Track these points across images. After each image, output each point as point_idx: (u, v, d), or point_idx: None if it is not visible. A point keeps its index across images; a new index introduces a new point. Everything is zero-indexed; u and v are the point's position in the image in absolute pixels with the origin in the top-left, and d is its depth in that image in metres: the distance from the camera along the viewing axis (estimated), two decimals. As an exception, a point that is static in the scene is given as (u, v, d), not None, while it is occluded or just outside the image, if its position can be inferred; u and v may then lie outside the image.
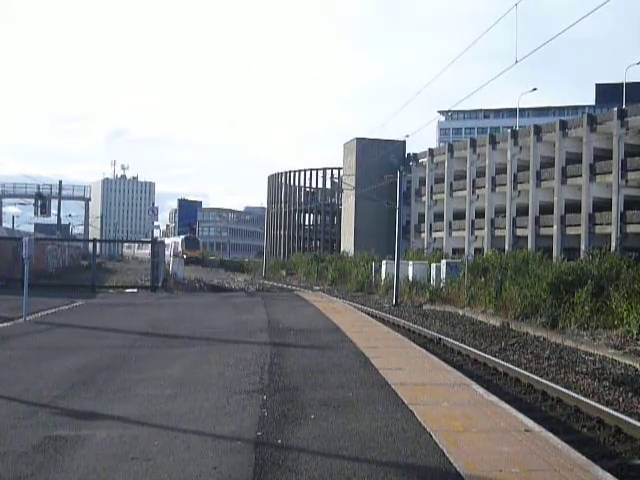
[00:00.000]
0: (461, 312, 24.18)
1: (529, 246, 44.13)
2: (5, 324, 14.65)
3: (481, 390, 7.89)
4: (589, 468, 5.05)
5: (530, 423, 6.34)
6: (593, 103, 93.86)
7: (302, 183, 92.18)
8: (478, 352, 14.40)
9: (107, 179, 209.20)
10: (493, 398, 7.46)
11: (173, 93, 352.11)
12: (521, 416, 6.62)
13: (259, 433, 5.97)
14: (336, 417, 6.54)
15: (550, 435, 5.94)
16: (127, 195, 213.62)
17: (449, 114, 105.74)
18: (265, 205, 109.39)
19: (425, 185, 60.82)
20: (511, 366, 12.73)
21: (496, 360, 13.43)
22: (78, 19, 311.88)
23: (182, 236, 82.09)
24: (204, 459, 5.25)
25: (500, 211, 51.98)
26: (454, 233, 56.42)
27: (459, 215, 56.22)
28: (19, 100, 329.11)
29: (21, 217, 79.99)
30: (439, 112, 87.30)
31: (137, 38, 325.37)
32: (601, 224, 43.24)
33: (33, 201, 65.67)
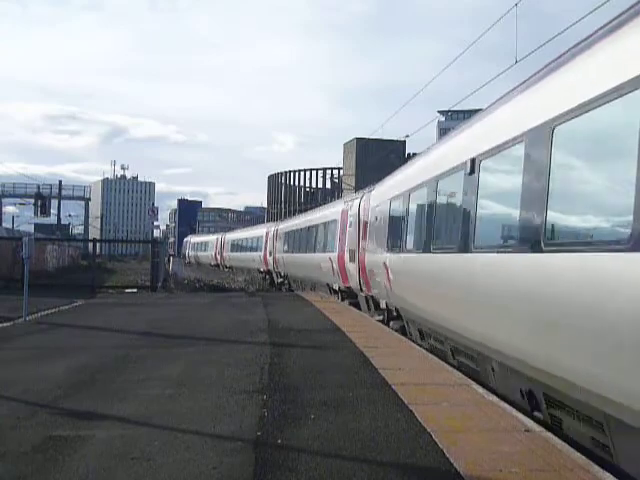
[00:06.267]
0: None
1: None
2: (5, 324, 14.65)
3: (481, 390, 7.88)
4: (589, 468, 5.04)
5: (530, 423, 6.33)
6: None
7: (302, 183, 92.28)
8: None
9: (107, 179, 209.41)
10: (493, 398, 7.45)
11: (172, 93, 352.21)
12: (521, 416, 6.61)
13: (259, 433, 5.97)
14: (336, 417, 6.54)
15: (550, 435, 5.93)
16: (127, 195, 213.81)
17: (449, 114, 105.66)
18: (265, 205, 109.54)
19: (425, 185, 60.47)
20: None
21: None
22: (77, 18, 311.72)
23: None
24: (204, 459, 5.25)
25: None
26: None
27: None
28: (17, 99, 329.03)
29: (21, 217, 79.86)
30: (439, 112, 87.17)
31: (136, 38, 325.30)
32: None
33: (33, 201, 65.73)
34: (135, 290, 28.93)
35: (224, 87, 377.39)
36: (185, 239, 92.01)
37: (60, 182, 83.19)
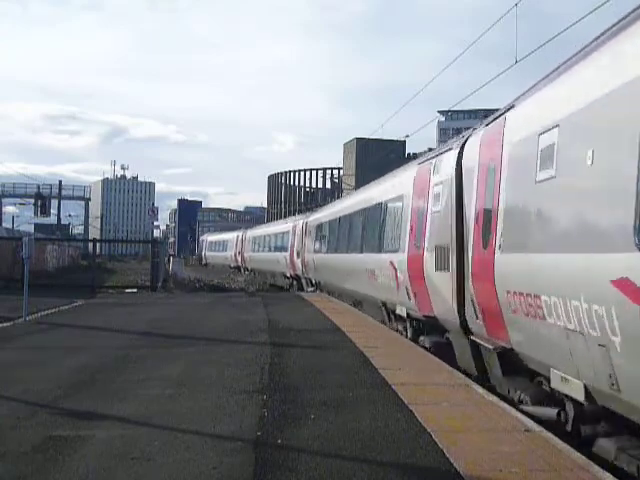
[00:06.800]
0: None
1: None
2: (5, 324, 14.64)
3: (481, 390, 7.88)
4: (589, 468, 5.04)
5: (530, 423, 6.33)
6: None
7: (302, 183, 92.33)
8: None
9: (107, 179, 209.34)
10: (493, 398, 7.45)
11: (172, 93, 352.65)
12: (521, 416, 6.62)
13: (259, 433, 5.97)
14: (336, 417, 6.54)
15: (550, 435, 5.93)
16: (127, 195, 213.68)
17: (449, 114, 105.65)
18: (265, 205, 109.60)
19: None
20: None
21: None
22: (77, 18, 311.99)
23: None
24: (204, 459, 5.25)
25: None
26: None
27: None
28: (17, 99, 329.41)
29: (21, 217, 79.87)
30: (439, 112, 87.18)
31: (136, 38, 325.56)
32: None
33: (33, 201, 65.72)
34: (135, 290, 28.90)
35: (224, 87, 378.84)
36: (202, 237, 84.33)
37: (60, 182, 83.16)
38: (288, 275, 34.03)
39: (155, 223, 44.30)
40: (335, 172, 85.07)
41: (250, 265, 46.68)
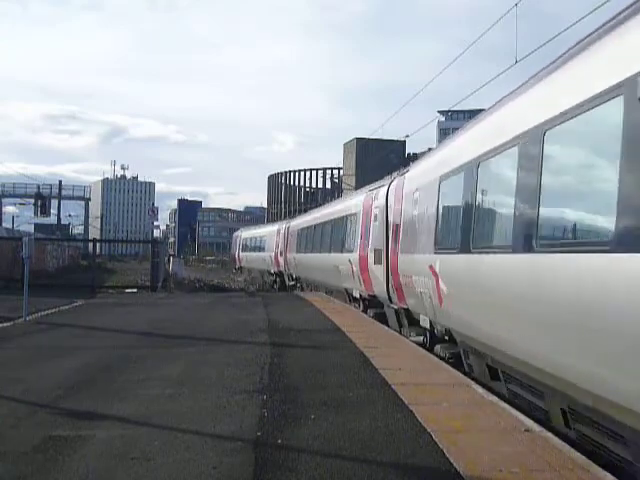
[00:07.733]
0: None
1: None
2: (5, 324, 14.64)
3: (481, 390, 7.88)
4: (589, 468, 5.04)
5: (530, 423, 6.33)
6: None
7: (302, 183, 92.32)
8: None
9: (107, 179, 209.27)
10: (493, 398, 7.45)
11: (172, 93, 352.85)
12: (521, 416, 6.61)
13: (259, 433, 5.97)
14: (336, 417, 6.54)
15: (550, 435, 5.93)
16: (127, 195, 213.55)
17: (449, 114, 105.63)
18: (265, 205, 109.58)
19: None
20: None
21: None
22: (77, 18, 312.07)
23: None
24: (204, 459, 5.25)
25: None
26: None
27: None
28: (17, 99, 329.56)
29: (21, 217, 79.87)
30: (439, 112, 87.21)
31: (136, 38, 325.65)
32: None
33: (33, 201, 65.75)
34: (135, 290, 28.91)
35: (224, 87, 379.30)
36: (235, 234, 65.82)
37: (60, 182, 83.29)
38: (357, 295, 19.72)
39: (155, 223, 44.11)
40: (335, 172, 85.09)
41: (296, 272, 32.48)
